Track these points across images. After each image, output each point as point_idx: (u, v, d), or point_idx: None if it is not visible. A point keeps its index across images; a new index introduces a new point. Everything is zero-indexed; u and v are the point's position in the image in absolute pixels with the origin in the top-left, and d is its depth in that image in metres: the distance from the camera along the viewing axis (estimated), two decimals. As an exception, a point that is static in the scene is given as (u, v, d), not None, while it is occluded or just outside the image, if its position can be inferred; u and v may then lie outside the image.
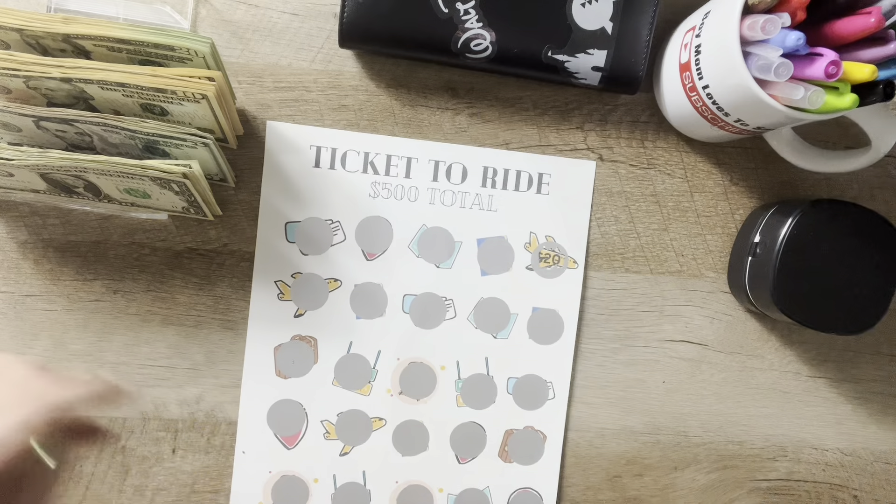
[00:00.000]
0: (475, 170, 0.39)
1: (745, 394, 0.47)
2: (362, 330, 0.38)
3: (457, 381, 0.39)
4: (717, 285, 0.47)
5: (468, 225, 0.39)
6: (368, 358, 0.38)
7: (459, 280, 0.38)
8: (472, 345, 0.39)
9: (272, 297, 0.38)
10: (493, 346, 0.39)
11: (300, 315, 0.38)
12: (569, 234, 0.39)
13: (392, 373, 0.38)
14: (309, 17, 0.44)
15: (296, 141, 0.38)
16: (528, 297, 0.39)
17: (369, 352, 0.38)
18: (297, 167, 0.38)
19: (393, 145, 0.39)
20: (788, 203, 0.44)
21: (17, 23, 0.35)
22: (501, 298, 0.39)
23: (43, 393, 0.29)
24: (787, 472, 0.48)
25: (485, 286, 0.39)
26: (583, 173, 0.39)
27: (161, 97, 0.36)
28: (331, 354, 0.39)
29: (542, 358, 0.40)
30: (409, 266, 0.38)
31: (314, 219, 0.38)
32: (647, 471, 0.46)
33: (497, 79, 0.46)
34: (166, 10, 0.43)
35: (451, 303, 0.39)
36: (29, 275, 0.43)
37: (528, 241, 0.39)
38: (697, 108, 0.42)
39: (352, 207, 0.39)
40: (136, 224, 0.44)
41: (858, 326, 0.43)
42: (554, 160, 0.38)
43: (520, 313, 0.39)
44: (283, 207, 0.38)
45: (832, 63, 0.35)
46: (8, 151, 0.35)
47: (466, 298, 0.39)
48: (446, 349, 0.38)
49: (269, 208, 0.38)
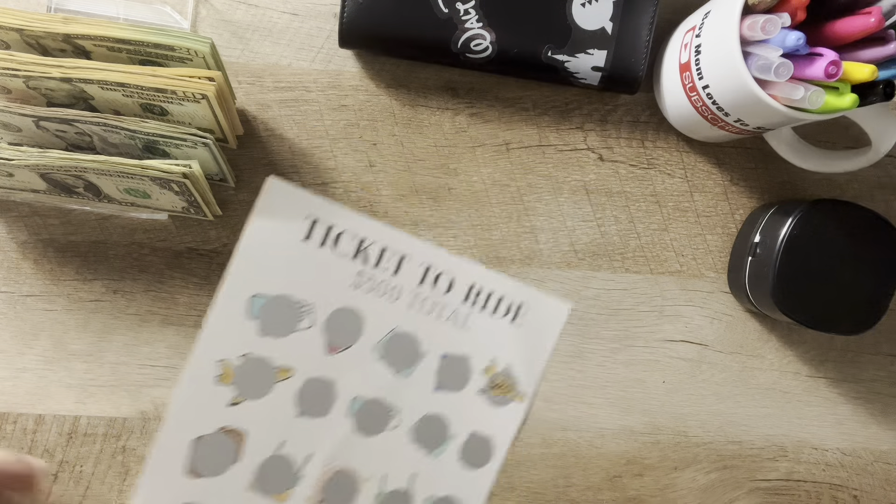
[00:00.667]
0: (462, 285, 0.37)
1: (745, 394, 0.47)
2: (300, 429, 0.34)
3: (377, 495, 0.37)
4: (717, 285, 0.47)
5: (438, 337, 0.36)
6: (297, 461, 0.35)
7: (412, 391, 0.36)
8: (405, 459, 0.36)
9: (208, 379, 0.33)
10: (423, 463, 0.37)
11: (236, 403, 0.33)
12: (528, 368, 0.37)
13: (316, 480, 0.35)
14: (309, 17, 0.44)
15: (293, 206, 0.34)
16: (470, 420, 0.38)
17: (300, 454, 0.35)
18: (284, 236, 0.34)
19: (392, 237, 0.35)
20: (788, 203, 0.44)
21: (17, 23, 0.35)
22: (446, 417, 0.37)
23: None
24: (787, 472, 0.48)
25: (435, 402, 0.37)
26: (556, 315, 0.37)
27: (161, 97, 0.36)
28: (257, 453, 0.34)
29: (464, 481, 0.38)
30: (369, 367, 0.35)
31: (286, 297, 0.34)
32: (647, 471, 0.46)
33: (497, 79, 0.46)
34: (166, 10, 0.43)
35: (398, 413, 0.37)
36: (29, 275, 0.43)
37: (487, 366, 0.38)
38: (697, 108, 0.42)
39: (330, 293, 0.35)
40: (136, 224, 0.44)
41: (858, 326, 0.43)
42: (536, 295, 0.36)
43: (458, 435, 0.38)
44: (255, 276, 0.33)
45: (832, 63, 0.35)
46: (8, 151, 0.35)
47: (413, 411, 0.36)
48: (378, 460, 0.36)
49: (240, 274, 0.34)
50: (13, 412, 0.43)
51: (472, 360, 0.37)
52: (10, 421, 0.42)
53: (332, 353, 0.34)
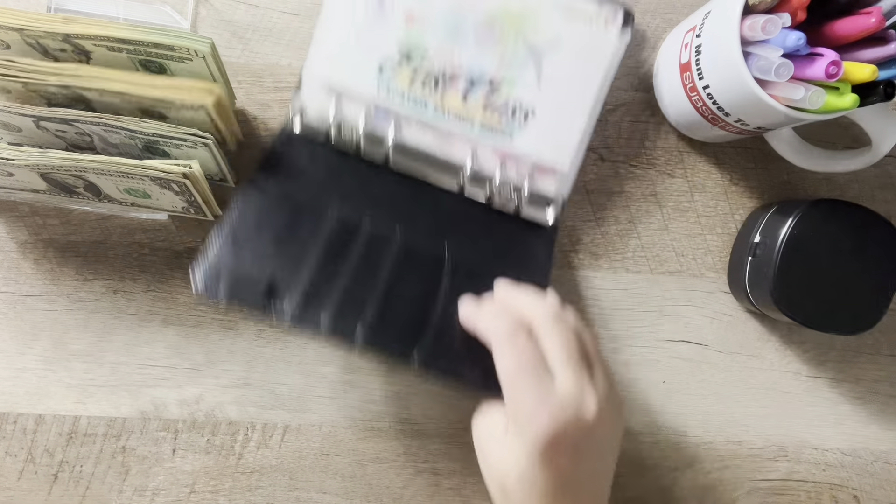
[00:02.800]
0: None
1: (745, 394, 0.47)
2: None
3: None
4: (717, 285, 0.47)
5: None
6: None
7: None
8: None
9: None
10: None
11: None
12: None
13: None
14: (309, 17, 0.44)
15: None
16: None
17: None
18: None
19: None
20: (788, 203, 0.44)
21: (17, 23, 0.35)
22: None
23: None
24: (787, 472, 0.48)
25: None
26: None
27: (160, 105, 0.36)
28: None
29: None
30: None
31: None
32: (647, 471, 0.46)
33: (497, 79, 0.46)
34: (166, 10, 0.43)
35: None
36: (29, 275, 0.43)
37: None
38: (697, 108, 0.42)
39: None
40: (136, 224, 0.44)
41: (858, 326, 0.43)
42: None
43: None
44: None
45: (832, 63, 0.35)
46: (8, 151, 0.35)
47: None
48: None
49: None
50: (13, 412, 0.43)
51: None
52: (10, 421, 0.42)
53: None
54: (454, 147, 0.40)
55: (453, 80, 0.39)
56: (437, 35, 0.39)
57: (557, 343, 0.33)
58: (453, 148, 0.40)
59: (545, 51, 0.40)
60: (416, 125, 0.40)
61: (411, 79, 0.39)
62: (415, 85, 0.39)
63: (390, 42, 0.39)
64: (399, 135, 0.40)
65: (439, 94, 0.39)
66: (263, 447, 0.44)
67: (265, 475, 0.44)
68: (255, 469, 0.44)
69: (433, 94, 0.39)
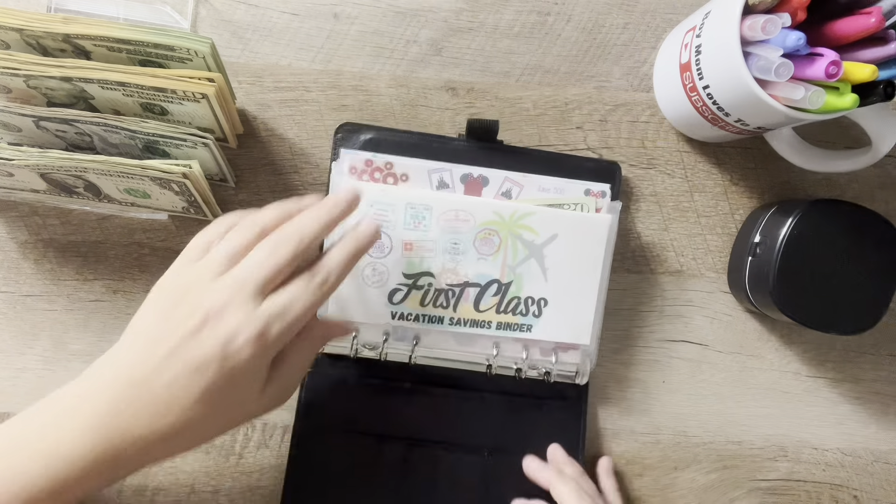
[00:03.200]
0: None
1: (745, 394, 0.47)
2: None
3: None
4: (717, 285, 0.47)
5: None
6: None
7: None
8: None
9: None
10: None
11: None
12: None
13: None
14: (309, 17, 0.44)
15: None
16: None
17: None
18: None
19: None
20: (788, 203, 0.44)
21: (17, 23, 0.35)
22: None
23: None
24: (787, 472, 0.48)
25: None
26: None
27: (161, 96, 0.36)
28: None
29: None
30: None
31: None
32: (647, 471, 0.46)
33: (497, 79, 0.46)
34: (166, 10, 0.43)
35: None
36: (29, 275, 0.43)
37: None
38: (697, 108, 0.42)
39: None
40: (136, 224, 0.44)
41: (858, 326, 0.43)
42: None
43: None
44: None
45: (832, 63, 0.35)
46: (8, 151, 0.35)
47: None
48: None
49: None
50: (13, 412, 0.42)
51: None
52: (10, 421, 0.42)
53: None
54: (476, 346, 0.43)
55: (463, 292, 0.42)
56: (438, 259, 0.41)
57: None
58: (475, 347, 0.43)
59: (544, 246, 0.42)
60: (436, 334, 0.42)
61: (422, 300, 0.41)
62: (427, 306, 0.42)
63: (395, 273, 0.41)
64: (419, 348, 0.42)
65: (451, 307, 0.42)
66: (263, 447, 0.44)
67: (265, 475, 0.44)
68: (255, 469, 0.44)
69: (446, 309, 0.42)
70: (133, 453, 0.30)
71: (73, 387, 0.31)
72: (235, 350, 0.30)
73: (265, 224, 0.33)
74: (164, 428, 0.30)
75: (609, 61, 0.46)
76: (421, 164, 0.42)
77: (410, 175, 0.42)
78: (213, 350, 0.30)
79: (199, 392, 0.30)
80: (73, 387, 0.31)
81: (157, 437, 0.30)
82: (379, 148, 0.43)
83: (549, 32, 0.46)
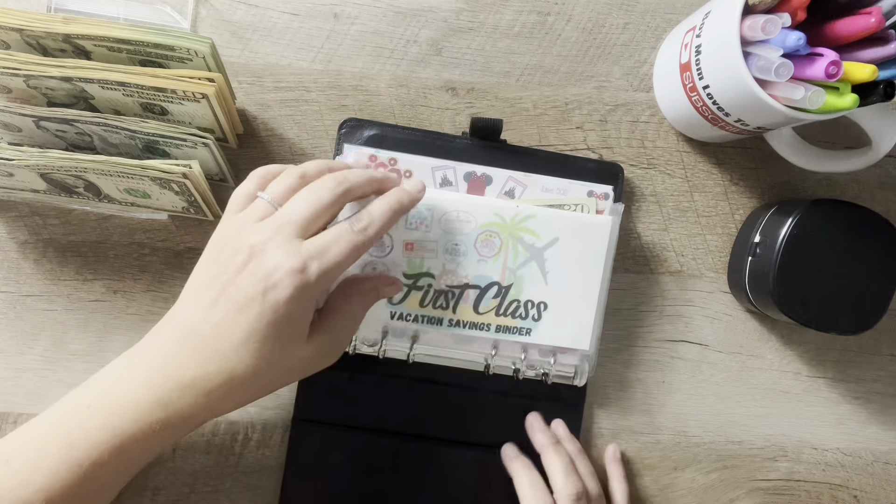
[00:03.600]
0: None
1: (745, 394, 0.47)
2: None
3: None
4: (717, 285, 0.47)
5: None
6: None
7: None
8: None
9: None
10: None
11: None
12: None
13: None
14: (309, 17, 0.44)
15: None
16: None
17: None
18: None
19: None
20: (788, 203, 0.44)
21: (17, 23, 0.35)
22: None
23: None
24: (787, 472, 0.48)
25: None
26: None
27: (161, 96, 0.36)
28: None
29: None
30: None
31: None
32: (647, 471, 0.46)
33: (497, 79, 0.46)
34: (166, 10, 0.43)
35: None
36: (29, 275, 0.43)
37: None
38: (697, 108, 0.42)
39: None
40: (136, 224, 0.44)
41: (858, 326, 0.43)
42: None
43: None
44: None
45: (832, 63, 0.35)
46: (8, 151, 0.35)
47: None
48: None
49: None
50: (13, 412, 0.43)
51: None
52: (10, 421, 0.42)
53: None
54: (474, 346, 0.42)
55: (463, 294, 0.41)
56: (439, 259, 0.41)
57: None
58: (473, 347, 0.42)
59: (545, 248, 0.42)
60: (434, 333, 0.42)
61: (421, 301, 0.41)
62: (426, 306, 0.41)
63: (395, 273, 0.41)
64: (418, 346, 0.42)
65: (451, 309, 0.42)
66: (263, 447, 0.44)
67: (265, 475, 0.44)
68: (255, 469, 0.44)
69: (446, 311, 0.42)
70: (185, 404, 0.31)
71: (132, 348, 0.32)
72: (275, 284, 0.30)
73: (307, 172, 0.34)
74: (213, 373, 0.30)
75: (609, 61, 0.46)
76: (424, 161, 0.42)
77: (414, 172, 0.42)
78: (255, 287, 0.30)
79: (245, 333, 0.30)
80: (132, 348, 0.32)
81: (208, 383, 0.31)
82: (383, 144, 0.43)
83: (549, 32, 0.46)
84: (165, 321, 0.33)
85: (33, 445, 0.30)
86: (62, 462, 0.29)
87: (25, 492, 0.29)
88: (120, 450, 0.30)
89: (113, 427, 0.30)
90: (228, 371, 0.31)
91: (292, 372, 0.33)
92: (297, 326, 0.32)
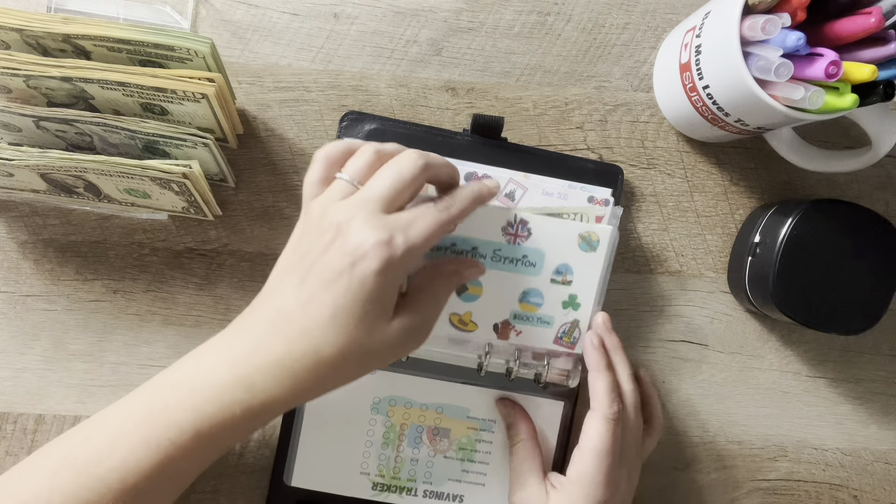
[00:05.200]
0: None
1: (745, 394, 0.47)
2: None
3: None
4: (717, 285, 0.47)
5: None
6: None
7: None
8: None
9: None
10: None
11: None
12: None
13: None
14: (309, 17, 0.44)
15: None
16: None
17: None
18: None
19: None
20: (788, 203, 0.44)
21: (17, 23, 0.35)
22: None
23: None
24: (787, 472, 0.48)
25: None
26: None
27: (161, 96, 0.36)
28: None
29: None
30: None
31: None
32: (647, 471, 0.46)
33: (497, 79, 0.46)
34: (166, 10, 0.43)
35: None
36: (29, 275, 0.43)
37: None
38: (697, 108, 0.42)
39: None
40: (136, 224, 0.44)
41: (858, 326, 0.43)
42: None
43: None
44: None
45: (832, 63, 0.35)
46: (8, 151, 0.35)
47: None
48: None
49: None
50: (13, 412, 0.43)
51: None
52: (10, 421, 0.42)
53: None
54: (468, 347, 0.42)
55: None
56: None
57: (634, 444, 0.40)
58: (468, 348, 0.42)
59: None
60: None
61: None
62: None
63: None
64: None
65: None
66: (263, 447, 0.44)
67: (265, 475, 0.44)
68: (255, 469, 0.44)
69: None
70: (270, 386, 0.30)
71: (219, 333, 0.32)
72: (363, 255, 0.30)
73: (383, 150, 0.34)
74: (300, 353, 0.30)
75: (609, 61, 0.46)
76: None
77: None
78: (343, 262, 0.30)
79: (332, 309, 0.30)
80: (219, 333, 0.32)
81: (294, 364, 0.30)
82: (383, 138, 0.43)
83: (549, 32, 0.46)
84: (253, 305, 0.32)
85: (114, 422, 0.30)
86: (140, 440, 0.29)
87: (101, 468, 0.29)
88: (199, 433, 0.30)
89: (194, 406, 0.30)
90: (314, 351, 0.30)
91: (376, 355, 0.32)
92: (384, 303, 0.31)
